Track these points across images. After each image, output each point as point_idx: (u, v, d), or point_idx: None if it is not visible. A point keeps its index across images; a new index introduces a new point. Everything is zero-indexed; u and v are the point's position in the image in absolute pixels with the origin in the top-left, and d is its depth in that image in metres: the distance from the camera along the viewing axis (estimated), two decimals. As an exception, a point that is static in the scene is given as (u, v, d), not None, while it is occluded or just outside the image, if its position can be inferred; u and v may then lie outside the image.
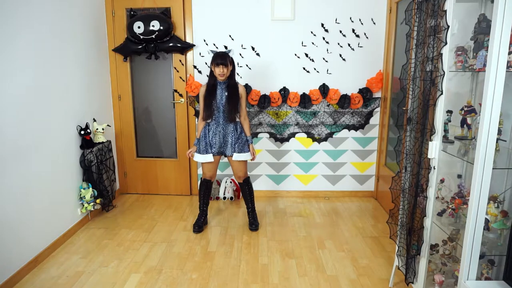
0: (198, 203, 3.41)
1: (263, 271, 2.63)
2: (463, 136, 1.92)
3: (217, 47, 3.82)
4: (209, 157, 3.13)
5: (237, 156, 3.13)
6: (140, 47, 3.72)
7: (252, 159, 3.21)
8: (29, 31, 2.63)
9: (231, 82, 3.06)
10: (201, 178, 3.29)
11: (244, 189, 3.29)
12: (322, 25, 3.74)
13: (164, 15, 3.66)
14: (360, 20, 3.72)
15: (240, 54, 3.82)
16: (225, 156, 3.18)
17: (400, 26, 3.44)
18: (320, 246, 2.99)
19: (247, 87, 3.82)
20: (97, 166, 3.42)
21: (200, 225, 3.25)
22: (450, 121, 1.91)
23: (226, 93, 3.02)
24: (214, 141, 3.12)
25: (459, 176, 2.07)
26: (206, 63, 3.87)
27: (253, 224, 3.29)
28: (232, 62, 3.02)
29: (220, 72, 2.94)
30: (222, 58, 2.94)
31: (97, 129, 3.53)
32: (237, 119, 3.14)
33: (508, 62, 1.47)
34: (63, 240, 3.03)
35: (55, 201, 2.95)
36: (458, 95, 2.02)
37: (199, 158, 3.15)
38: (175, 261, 2.76)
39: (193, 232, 3.22)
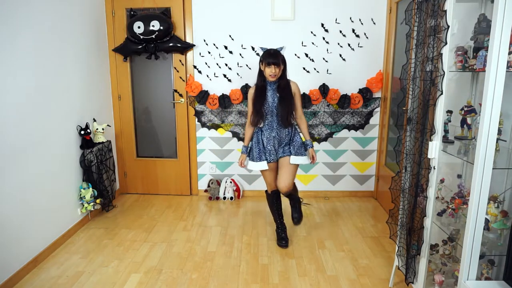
0: (273, 217, 3.10)
1: (263, 271, 2.63)
2: (463, 136, 1.91)
3: (217, 47, 3.82)
4: (263, 165, 2.83)
5: (294, 159, 2.80)
6: (140, 47, 3.72)
7: (312, 162, 2.89)
8: (29, 31, 2.63)
9: (282, 82, 2.74)
10: (266, 191, 3.04)
11: (290, 200, 3.04)
12: (322, 25, 3.74)
13: (164, 15, 3.66)
14: (360, 20, 3.72)
15: (240, 54, 3.82)
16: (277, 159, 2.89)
17: (400, 26, 3.44)
18: (320, 246, 2.99)
19: (247, 87, 3.82)
20: (97, 166, 3.42)
21: (285, 238, 2.99)
22: (450, 121, 1.91)
23: (278, 95, 2.74)
24: (269, 148, 2.83)
25: (459, 176, 2.07)
26: (206, 63, 3.87)
27: (295, 216, 3.03)
28: (284, 61, 2.71)
29: (272, 72, 2.64)
30: (274, 57, 2.63)
31: (97, 129, 3.53)
32: (293, 122, 2.86)
33: (508, 62, 1.47)
34: (63, 240, 3.03)
35: (55, 201, 2.95)
36: (458, 95, 2.02)
37: (253, 166, 2.87)
38: (175, 261, 2.76)
39: (280, 247, 2.97)
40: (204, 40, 3.82)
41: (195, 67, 3.88)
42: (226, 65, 3.86)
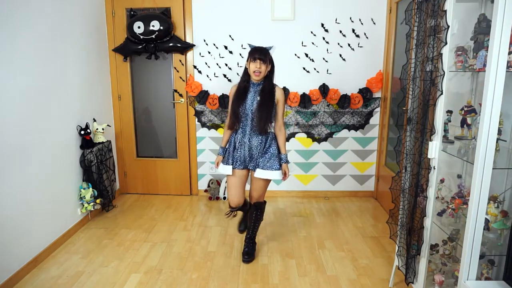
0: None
1: (263, 271, 2.63)
2: (463, 136, 1.91)
3: (217, 47, 3.82)
4: (228, 169, 2.63)
5: (259, 173, 2.58)
6: (140, 47, 3.72)
7: (283, 179, 2.67)
8: (29, 31, 2.63)
9: (266, 85, 2.55)
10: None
11: (252, 213, 2.75)
12: (322, 25, 3.74)
13: (164, 15, 3.66)
14: (360, 20, 3.72)
15: (240, 54, 3.82)
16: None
17: (400, 26, 3.44)
18: (320, 246, 2.99)
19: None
20: (97, 166, 3.42)
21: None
22: (450, 121, 1.91)
23: (258, 98, 2.54)
24: (238, 154, 2.63)
25: (459, 176, 2.07)
26: (206, 63, 3.87)
27: (247, 253, 2.73)
28: (271, 61, 2.56)
29: (256, 68, 2.45)
30: (261, 53, 2.47)
31: (97, 129, 3.53)
32: (270, 130, 2.62)
33: (508, 62, 1.47)
34: (63, 240, 3.03)
35: (55, 201, 2.95)
36: (458, 95, 2.02)
37: (220, 168, 2.69)
38: (175, 261, 2.76)
39: (238, 232, 2.98)
40: (204, 40, 3.82)
41: (195, 67, 3.88)
42: (226, 65, 3.86)
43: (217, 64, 3.86)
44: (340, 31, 3.75)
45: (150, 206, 3.85)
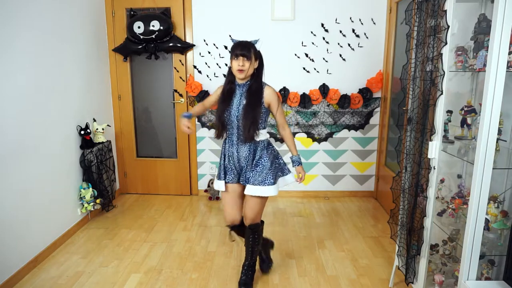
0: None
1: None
2: (463, 136, 1.91)
3: (217, 47, 3.82)
4: (220, 185, 2.32)
5: (250, 190, 2.23)
6: (140, 47, 3.72)
7: (299, 182, 2.40)
8: (29, 31, 2.63)
9: (253, 85, 2.20)
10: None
11: (248, 238, 2.35)
12: (322, 25, 3.74)
13: (164, 15, 3.66)
14: (360, 20, 3.72)
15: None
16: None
17: (400, 26, 3.44)
18: (320, 246, 2.99)
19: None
20: (97, 166, 3.42)
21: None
22: (450, 121, 1.91)
23: (244, 101, 2.19)
24: (230, 166, 2.30)
25: (459, 176, 2.07)
26: (206, 63, 3.87)
27: (245, 283, 2.37)
28: (258, 56, 2.22)
29: (239, 66, 2.11)
30: (243, 48, 2.13)
31: (97, 129, 3.53)
32: (259, 139, 2.25)
33: (508, 62, 1.47)
34: (63, 240, 3.03)
35: (55, 201, 2.95)
36: (458, 95, 2.02)
37: (215, 184, 2.39)
38: (175, 261, 2.76)
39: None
40: (204, 40, 3.82)
41: (195, 67, 3.88)
42: (226, 65, 3.86)
43: (217, 64, 3.86)
44: (340, 31, 3.75)
45: (150, 206, 3.85)
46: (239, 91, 2.23)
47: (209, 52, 3.84)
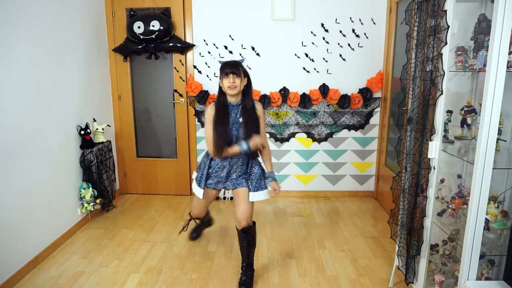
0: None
1: (263, 271, 2.63)
2: (463, 136, 1.92)
3: (217, 47, 3.82)
4: (199, 192, 2.47)
5: (253, 196, 2.38)
6: (140, 47, 3.72)
7: (275, 194, 2.47)
8: (29, 31, 2.63)
9: (247, 103, 2.33)
10: (189, 213, 2.82)
11: (242, 239, 2.43)
12: (322, 25, 3.74)
13: (164, 15, 3.66)
14: (360, 20, 3.72)
15: (240, 54, 3.82)
16: (226, 189, 2.54)
17: (400, 26, 3.44)
18: (320, 246, 2.99)
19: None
20: (97, 166, 3.42)
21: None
22: (450, 121, 1.91)
23: (240, 120, 2.32)
24: (214, 176, 2.47)
25: (459, 176, 2.07)
26: (206, 63, 3.87)
27: (245, 283, 2.42)
28: (246, 74, 2.33)
29: (230, 83, 2.22)
30: (232, 66, 2.25)
31: (97, 129, 3.53)
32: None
33: (508, 62, 1.47)
34: (63, 240, 3.03)
35: (55, 201, 2.95)
36: (458, 95, 2.02)
37: (194, 189, 2.54)
38: (175, 261, 2.76)
39: (190, 240, 3.04)
40: (204, 40, 3.82)
41: (195, 67, 3.88)
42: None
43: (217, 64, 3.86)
44: (340, 31, 3.75)
45: (150, 206, 3.85)
46: (233, 111, 2.34)
47: (209, 52, 3.84)
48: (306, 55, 3.81)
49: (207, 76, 3.89)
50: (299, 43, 3.79)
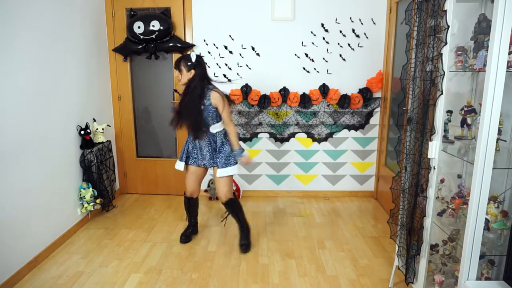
0: (186, 216, 3.15)
1: (263, 271, 2.63)
2: (463, 136, 1.91)
3: (217, 47, 3.82)
4: (180, 165, 2.89)
5: (220, 172, 2.77)
6: (140, 47, 3.72)
7: (247, 163, 2.86)
8: (29, 31, 2.63)
9: (191, 89, 2.71)
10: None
11: (228, 209, 2.94)
12: (322, 25, 3.74)
13: (164, 15, 3.66)
14: (360, 20, 3.72)
15: (240, 54, 3.82)
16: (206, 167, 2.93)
17: (400, 26, 3.44)
18: (320, 246, 2.99)
19: (247, 87, 3.82)
20: (97, 166, 3.42)
21: (187, 235, 3.07)
22: (450, 121, 1.91)
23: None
24: (193, 152, 2.87)
25: (459, 176, 2.07)
26: (206, 63, 3.86)
27: (243, 245, 2.90)
28: (192, 67, 2.69)
29: (176, 76, 2.74)
30: (175, 62, 2.74)
31: (97, 129, 3.53)
32: (215, 130, 2.78)
33: (508, 62, 1.47)
34: (63, 240, 3.03)
35: (55, 201, 2.95)
36: (458, 95, 2.02)
37: (177, 164, 2.93)
38: (175, 261, 2.76)
39: (180, 242, 3.03)
40: (204, 40, 3.82)
41: (195, 67, 3.88)
42: (226, 65, 3.86)
43: (217, 64, 3.86)
44: (340, 31, 3.75)
45: (150, 206, 3.85)
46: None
47: (209, 52, 3.84)
48: (306, 55, 3.81)
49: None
50: (299, 43, 3.79)
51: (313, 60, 3.82)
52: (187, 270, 2.64)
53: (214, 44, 3.82)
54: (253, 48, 3.81)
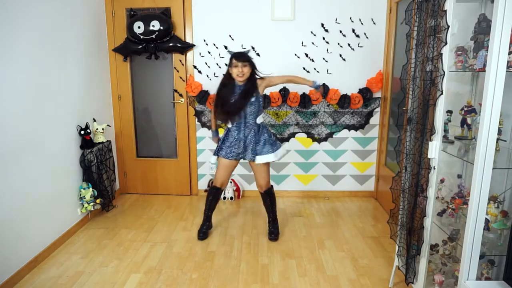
0: (204, 209, 3.17)
1: (263, 271, 2.63)
2: (463, 136, 1.92)
3: (217, 47, 3.82)
4: (213, 158, 3.02)
5: (259, 159, 2.87)
6: (140, 47, 3.72)
7: (320, 92, 3.03)
8: (29, 31, 2.63)
9: (248, 87, 2.83)
10: (211, 183, 3.13)
11: (266, 199, 3.09)
12: (322, 25, 3.74)
13: (164, 15, 3.66)
14: (360, 20, 3.72)
15: (240, 54, 3.82)
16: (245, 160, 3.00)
17: (400, 26, 3.44)
18: (320, 246, 2.99)
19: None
20: (97, 166, 3.42)
21: (204, 232, 3.12)
22: (450, 121, 1.91)
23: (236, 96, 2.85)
24: (233, 147, 2.93)
25: (459, 176, 2.07)
26: (206, 63, 3.87)
27: (273, 233, 3.10)
28: (252, 63, 2.84)
29: (239, 72, 2.75)
30: (241, 57, 2.78)
31: (97, 129, 3.53)
32: (260, 121, 2.92)
33: (508, 62, 1.47)
34: (63, 240, 3.03)
35: (55, 201, 2.95)
36: (458, 95, 2.02)
37: (212, 158, 3.05)
38: (175, 261, 2.76)
39: (198, 239, 3.07)
40: (204, 40, 3.82)
41: (195, 67, 3.88)
42: (226, 65, 3.85)
43: (217, 64, 3.86)
44: (340, 31, 3.75)
45: (150, 206, 3.85)
46: (237, 88, 2.86)
47: (209, 52, 3.84)
48: (306, 55, 3.81)
49: (207, 76, 3.89)
50: (299, 43, 3.79)
51: (313, 60, 3.82)
52: (187, 270, 2.64)
53: (214, 44, 3.82)
54: (253, 48, 3.81)
